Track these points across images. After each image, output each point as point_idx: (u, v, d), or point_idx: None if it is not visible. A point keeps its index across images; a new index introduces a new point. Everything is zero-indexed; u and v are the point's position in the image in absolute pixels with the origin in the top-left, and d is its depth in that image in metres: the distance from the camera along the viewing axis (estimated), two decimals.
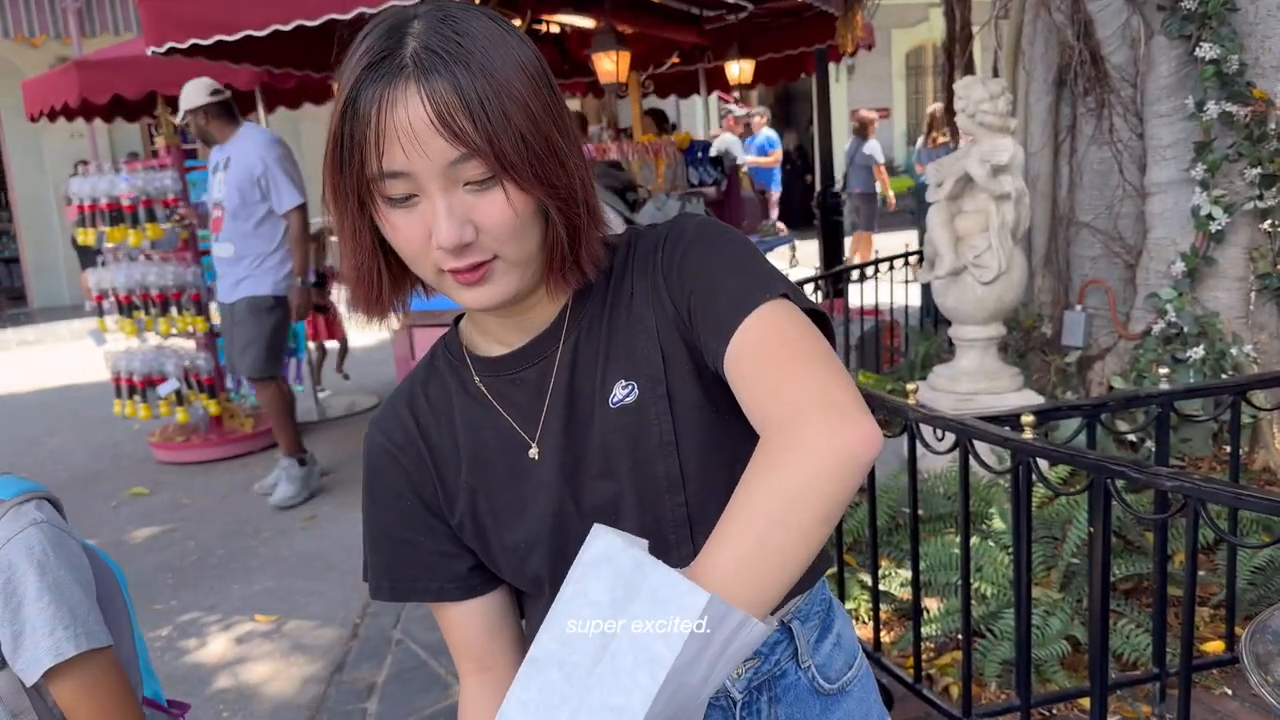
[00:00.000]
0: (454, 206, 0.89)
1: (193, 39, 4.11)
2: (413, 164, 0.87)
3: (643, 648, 0.71)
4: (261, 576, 4.18)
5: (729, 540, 0.79)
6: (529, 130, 0.90)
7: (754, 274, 0.94)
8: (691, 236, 1.00)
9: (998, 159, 3.53)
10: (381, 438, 1.07)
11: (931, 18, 15.56)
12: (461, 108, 0.86)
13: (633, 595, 0.73)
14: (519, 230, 0.91)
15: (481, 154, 0.87)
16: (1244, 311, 3.81)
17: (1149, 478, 1.80)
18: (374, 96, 0.87)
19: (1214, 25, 3.59)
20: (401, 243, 0.92)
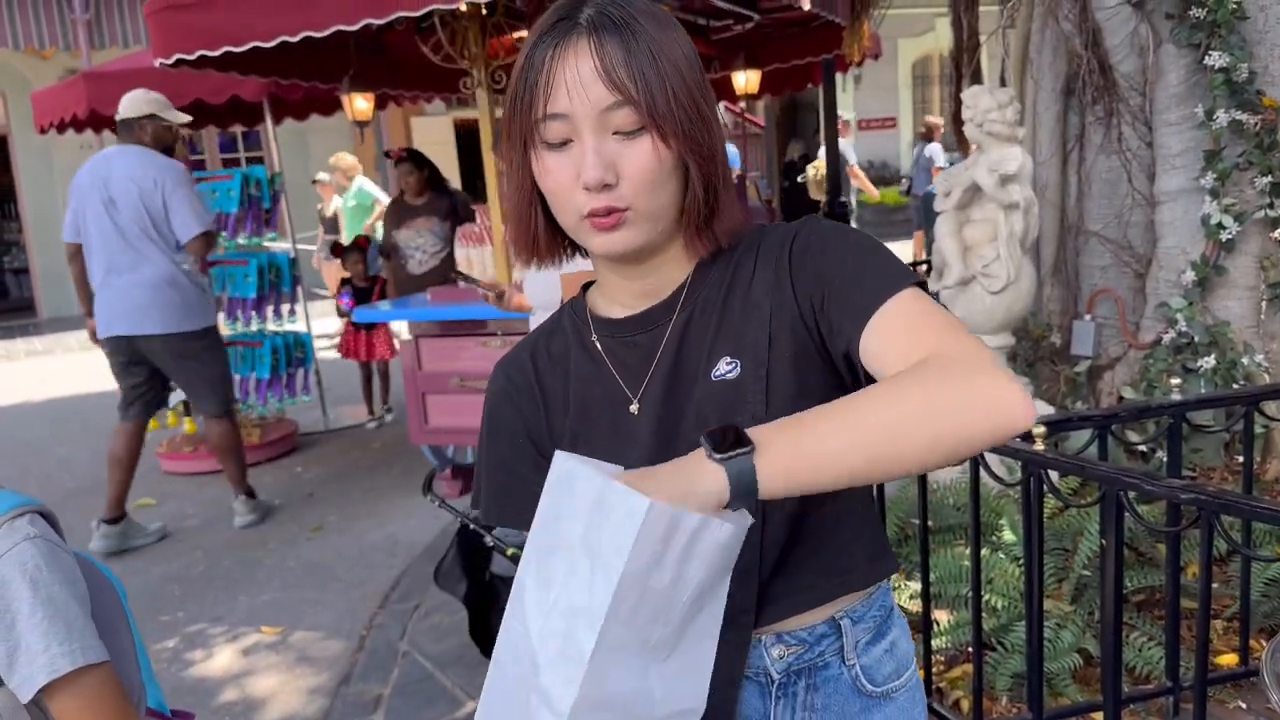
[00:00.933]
0: (601, 149, 0.98)
1: (200, 50, 4.11)
2: (573, 106, 0.97)
3: (597, 555, 0.77)
4: (268, 587, 4.17)
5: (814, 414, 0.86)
6: (681, 92, 1.00)
7: (894, 266, 1.00)
8: (828, 233, 1.06)
9: (1006, 168, 3.52)
10: (503, 379, 1.17)
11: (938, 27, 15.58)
12: (624, 62, 0.97)
13: (589, 508, 0.79)
14: (657, 181, 1.00)
15: (634, 103, 0.97)
16: (1255, 321, 3.79)
17: (1163, 490, 1.78)
18: (549, 48, 0.99)
19: (1223, 33, 3.58)
20: (550, 184, 1.02)
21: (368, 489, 5.34)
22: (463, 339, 4.61)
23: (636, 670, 0.81)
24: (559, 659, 0.78)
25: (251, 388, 6.13)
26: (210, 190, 5.95)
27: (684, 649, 0.85)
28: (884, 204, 16.03)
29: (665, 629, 0.81)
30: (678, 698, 0.85)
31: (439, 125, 15.38)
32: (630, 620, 0.78)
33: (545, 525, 0.84)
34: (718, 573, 0.84)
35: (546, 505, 0.84)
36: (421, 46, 4.63)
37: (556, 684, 0.78)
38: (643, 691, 0.82)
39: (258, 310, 6.02)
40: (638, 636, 0.80)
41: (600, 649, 0.77)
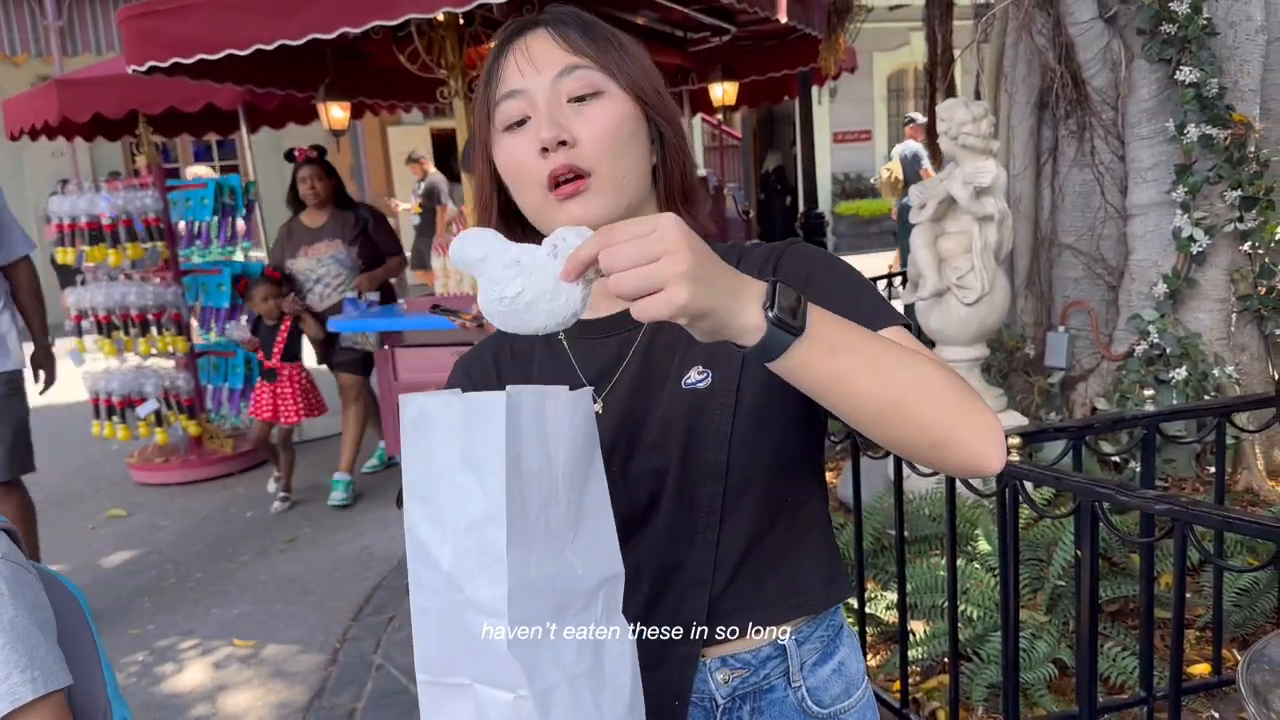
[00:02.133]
0: (555, 112, 0.98)
1: (174, 57, 4.08)
2: (525, 79, 0.99)
3: (478, 463, 0.81)
4: (240, 600, 4.12)
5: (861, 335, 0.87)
6: (643, 69, 1.03)
7: (884, 304, 1.01)
8: (815, 259, 1.06)
9: (980, 181, 3.54)
10: (461, 375, 1.17)
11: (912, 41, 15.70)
12: (579, 34, 1.01)
13: (458, 430, 0.82)
14: (619, 141, 1.00)
15: (591, 62, 0.99)
16: (1225, 333, 3.83)
17: (1137, 500, 1.79)
18: (507, 41, 1.02)
19: (1193, 49, 3.62)
20: (510, 163, 1.02)
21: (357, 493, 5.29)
22: (438, 349, 4.59)
23: (552, 552, 0.85)
24: (479, 569, 0.81)
25: (224, 398, 6.07)
26: (184, 199, 5.90)
27: (585, 527, 0.89)
28: (859, 215, 16.15)
29: (559, 509, 0.86)
30: (599, 567, 0.90)
31: (416, 135, 15.34)
32: (525, 511, 0.82)
33: (416, 467, 0.85)
34: (580, 446, 0.88)
35: (411, 448, 0.85)
36: (398, 55, 4.61)
37: (485, 588, 0.81)
38: (565, 569, 0.86)
39: (231, 319, 5.97)
40: (539, 524, 0.84)
41: (513, 542, 0.80)
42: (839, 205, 16.24)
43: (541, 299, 0.81)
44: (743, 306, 0.80)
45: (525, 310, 0.82)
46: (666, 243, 0.75)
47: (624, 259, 0.76)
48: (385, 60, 5.11)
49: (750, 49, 6.70)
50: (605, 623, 0.90)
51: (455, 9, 3.66)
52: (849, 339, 0.85)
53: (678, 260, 0.75)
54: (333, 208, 5.25)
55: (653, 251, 0.75)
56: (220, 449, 6.03)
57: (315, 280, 5.23)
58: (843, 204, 16.28)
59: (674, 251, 0.75)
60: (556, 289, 0.81)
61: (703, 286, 0.76)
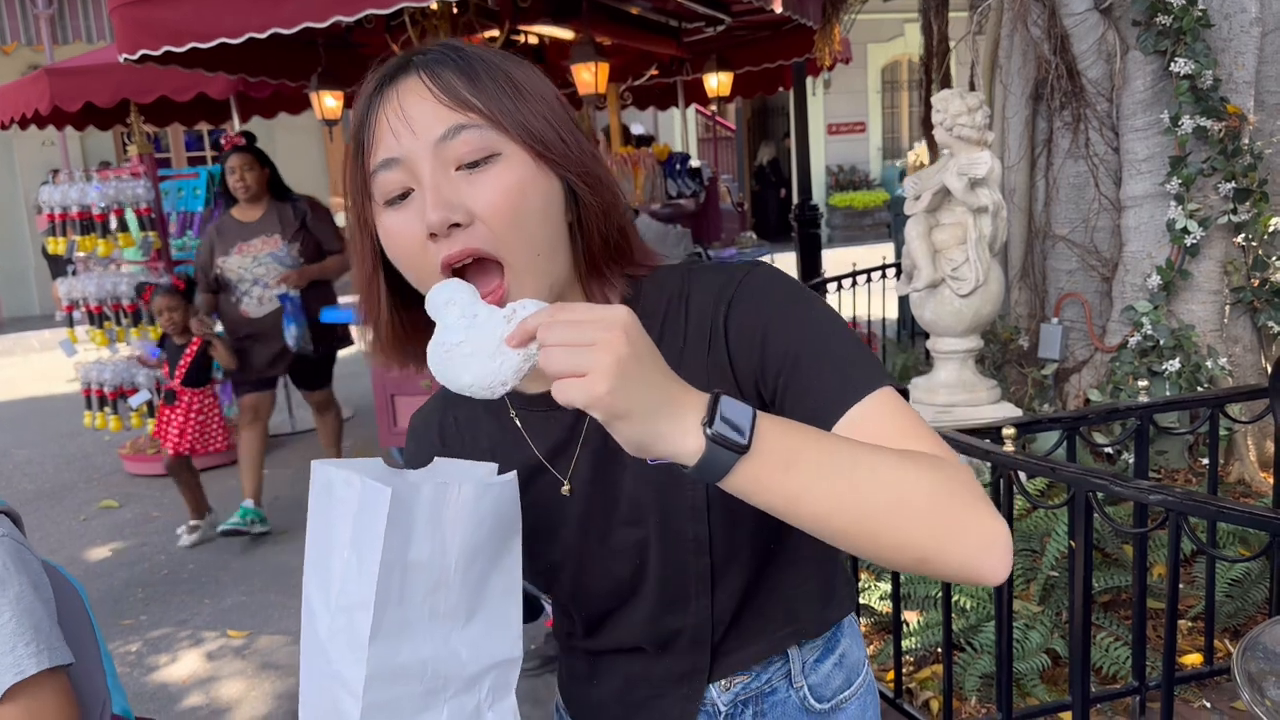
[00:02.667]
0: (442, 185, 0.84)
1: (166, 46, 4.05)
2: (402, 145, 0.84)
3: (362, 549, 0.81)
4: (233, 591, 4.12)
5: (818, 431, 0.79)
6: (545, 111, 0.87)
7: (863, 357, 0.90)
8: (775, 300, 0.92)
9: (975, 172, 3.54)
10: (415, 448, 1.09)
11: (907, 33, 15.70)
12: (463, 83, 0.85)
13: (354, 509, 0.82)
14: (519, 218, 0.85)
15: (480, 119, 0.84)
16: (1219, 324, 3.84)
17: (1132, 491, 1.79)
18: (377, 92, 0.87)
19: (1188, 41, 3.62)
20: (398, 251, 0.87)
21: None
22: None
23: (436, 638, 0.86)
24: (346, 648, 0.83)
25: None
26: (176, 189, 5.88)
27: (483, 612, 0.89)
28: (853, 207, 16.15)
29: (449, 596, 0.86)
30: (490, 653, 0.90)
31: None
32: (405, 599, 0.83)
33: (317, 533, 0.87)
34: (485, 534, 0.87)
35: (314, 514, 0.87)
36: (391, 44, 4.60)
37: (349, 667, 0.83)
38: (446, 655, 0.87)
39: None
40: (421, 611, 0.85)
41: (379, 633, 0.82)
42: (833, 197, 16.23)
43: (478, 356, 0.78)
44: (678, 427, 0.74)
45: (460, 362, 0.80)
46: (606, 332, 0.71)
47: (559, 335, 0.73)
48: (378, 49, 5.09)
49: (745, 39, 6.69)
50: (490, 704, 0.92)
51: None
52: (807, 452, 0.76)
53: (609, 351, 0.70)
54: (268, 200, 4.73)
55: (589, 336, 0.71)
56: None
57: (253, 281, 4.68)
58: (837, 196, 16.27)
59: (609, 343, 0.71)
60: (497, 351, 0.78)
61: (628, 386, 0.71)
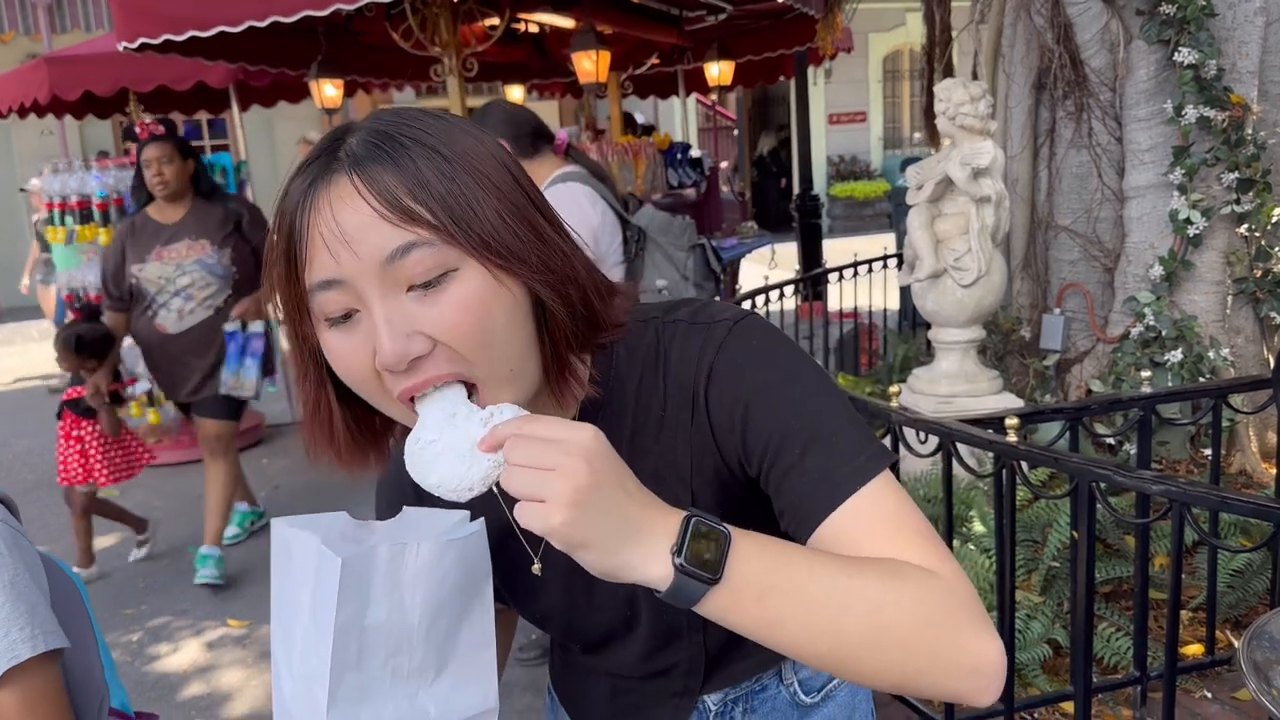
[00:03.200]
0: (393, 315, 0.74)
1: (165, 34, 4.04)
2: (343, 268, 0.74)
3: (317, 615, 0.79)
4: (233, 581, 4.12)
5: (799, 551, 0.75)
6: (497, 205, 0.77)
7: (857, 436, 0.83)
8: (756, 376, 0.85)
9: (978, 162, 3.53)
10: (384, 504, 1.05)
11: (908, 22, 15.64)
12: (403, 189, 0.74)
13: (311, 573, 0.80)
14: (486, 338, 0.76)
15: (431, 234, 0.73)
16: (1221, 315, 3.83)
17: (1135, 481, 1.79)
18: (300, 197, 0.76)
19: (1192, 30, 3.60)
20: (348, 373, 0.79)
21: (334, 481, 5.25)
22: None
23: (399, 699, 0.84)
24: (306, 714, 0.82)
25: None
26: None
27: (453, 667, 0.87)
28: (854, 197, 16.12)
29: (413, 656, 0.84)
30: (462, 707, 0.88)
31: None
32: (363, 664, 0.81)
33: (279, 595, 0.85)
34: (449, 590, 0.83)
35: (275, 574, 0.85)
36: (391, 33, 4.58)
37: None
38: (412, 714, 0.85)
39: None
40: (383, 674, 0.82)
41: (337, 701, 0.80)
42: (834, 187, 16.20)
43: (448, 456, 0.75)
44: (644, 554, 0.70)
45: (430, 460, 0.77)
46: (568, 458, 0.68)
47: (522, 455, 0.70)
48: (378, 38, 5.08)
49: (746, 28, 6.66)
50: None
51: None
52: (783, 580, 0.72)
53: (568, 479, 0.67)
54: (193, 198, 4.10)
55: (551, 460, 0.68)
56: None
57: (174, 292, 4.02)
58: (838, 186, 16.24)
59: (569, 471, 0.68)
60: (468, 454, 0.75)
61: (586, 516, 0.68)
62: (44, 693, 1.04)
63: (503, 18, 4.52)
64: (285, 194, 0.78)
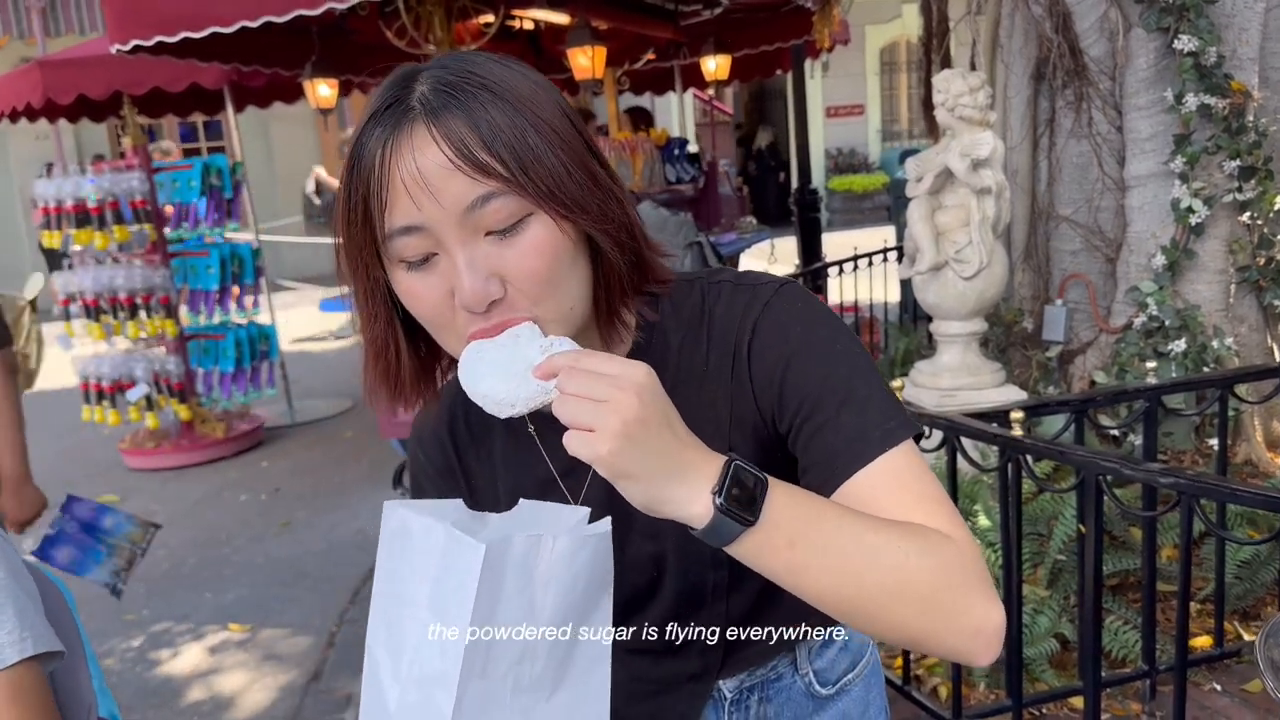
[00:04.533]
0: (476, 259, 0.80)
1: (158, 36, 4.01)
2: (425, 215, 0.79)
3: (444, 613, 0.74)
4: (235, 585, 4.10)
5: (831, 505, 0.79)
6: (561, 153, 0.81)
7: (887, 405, 0.87)
8: (800, 333, 0.90)
9: (978, 153, 3.50)
10: (423, 458, 1.04)
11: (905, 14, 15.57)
12: (477, 141, 0.78)
13: (434, 562, 0.75)
14: (554, 279, 0.82)
15: (508, 187, 0.79)
16: (1224, 304, 3.80)
17: (1142, 474, 1.77)
18: (378, 146, 0.80)
19: (1191, 17, 3.57)
20: (423, 311, 0.84)
21: (336, 483, 5.26)
22: None
23: (518, 712, 0.78)
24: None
25: (215, 381, 6.03)
26: (170, 180, 5.83)
27: (571, 682, 0.81)
28: (853, 190, 16.09)
29: (536, 665, 0.78)
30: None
31: None
32: (489, 671, 0.76)
33: (388, 584, 0.79)
34: (579, 593, 0.79)
35: (385, 562, 0.80)
36: (385, 31, 4.55)
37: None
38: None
39: (220, 302, 5.92)
40: (506, 683, 0.77)
41: (461, 712, 0.75)
42: (832, 180, 16.15)
43: (501, 372, 0.79)
44: (686, 492, 0.74)
45: (482, 371, 0.80)
46: (619, 391, 0.72)
47: (574, 385, 0.73)
48: (372, 36, 5.04)
49: (742, 22, 6.63)
50: None
51: None
52: (813, 530, 0.77)
53: (618, 412, 0.71)
54: None
55: (603, 392, 0.72)
56: (212, 433, 5.99)
57: None
58: (836, 179, 16.20)
59: (619, 404, 0.71)
60: (521, 375, 0.78)
61: (632, 449, 0.72)
62: (31, 698, 1.01)
63: (497, 14, 4.49)
64: (360, 141, 0.81)
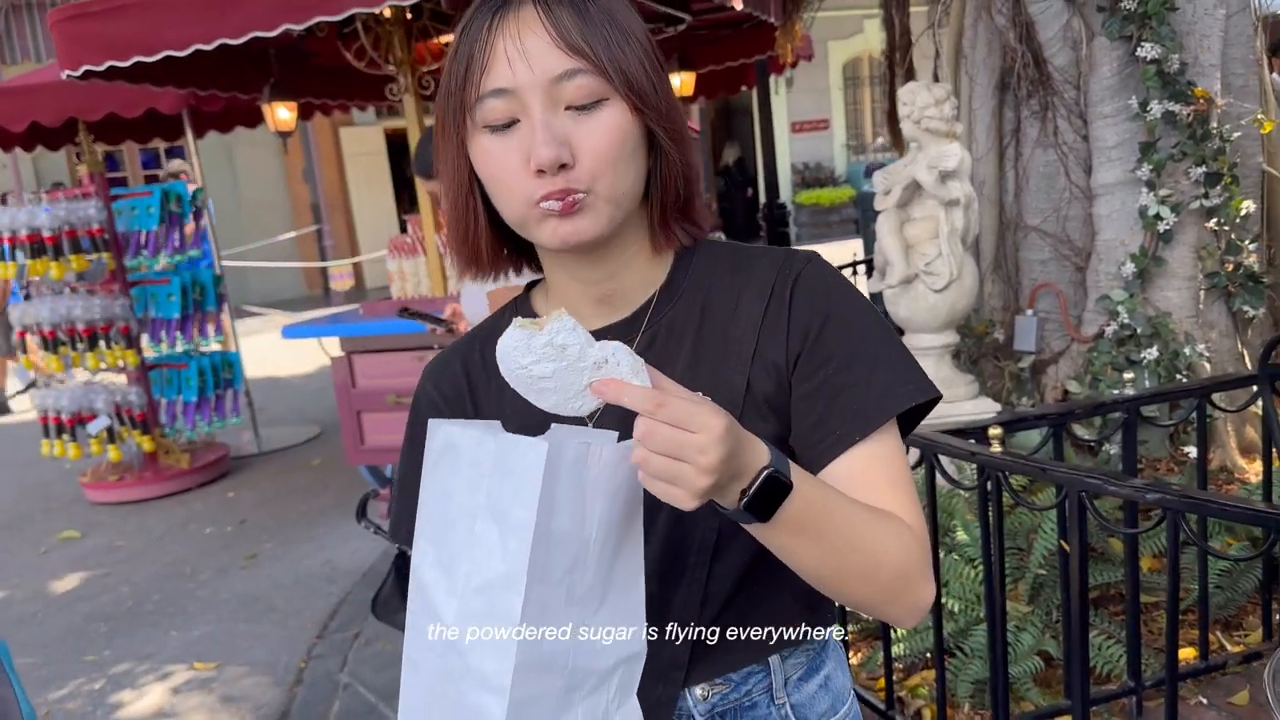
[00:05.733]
0: (553, 124, 0.87)
1: (110, 61, 3.91)
2: (517, 77, 0.87)
3: (504, 516, 0.74)
4: (200, 621, 3.99)
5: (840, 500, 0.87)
6: (645, 61, 0.91)
7: (899, 373, 0.95)
8: (833, 298, 0.97)
9: (945, 164, 3.48)
10: (432, 388, 1.06)
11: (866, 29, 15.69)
12: (577, 29, 0.87)
13: (488, 471, 0.75)
14: (621, 159, 0.90)
15: (594, 68, 0.87)
16: (1194, 310, 3.80)
17: (1127, 490, 1.73)
18: (487, 17, 0.89)
19: (1154, 25, 3.58)
20: (495, 169, 0.91)
21: (303, 513, 5.15)
22: (398, 354, 4.46)
23: (571, 624, 0.78)
24: (485, 637, 0.75)
25: (179, 411, 5.90)
26: (130, 207, 5.72)
27: (612, 598, 0.81)
28: (820, 204, 16.15)
29: (586, 576, 0.78)
30: (620, 645, 0.82)
31: (369, 135, 15.13)
32: (548, 575, 0.75)
33: (435, 504, 0.79)
34: (621, 506, 0.80)
35: (433, 483, 0.80)
36: (344, 52, 4.48)
37: (489, 660, 0.75)
38: (582, 645, 0.79)
39: (182, 330, 5.80)
40: (561, 591, 0.77)
41: (528, 613, 0.74)
42: (799, 195, 16.22)
43: (560, 392, 0.79)
44: (728, 491, 0.79)
45: (539, 391, 0.80)
46: (704, 456, 0.74)
47: (658, 441, 0.75)
48: (331, 58, 4.97)
49: (706, 39, 6.62)
50: (618, 706, 0.83)
51: (401, 2, 3.54)
52: (817, 523, 0.84)
53: (702, 478, 0.75)
54: None
55: (688, 455, 0.74)
56: (176, 464, 5.87)
57: None
58: (803, 193, 16.26)
59: (704, 469, 0.75)
60: (580, 394, 0.78)
61: (711, 493, 0.77)
62: None
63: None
64: (471, 18, 0.91)
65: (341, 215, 15.12)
